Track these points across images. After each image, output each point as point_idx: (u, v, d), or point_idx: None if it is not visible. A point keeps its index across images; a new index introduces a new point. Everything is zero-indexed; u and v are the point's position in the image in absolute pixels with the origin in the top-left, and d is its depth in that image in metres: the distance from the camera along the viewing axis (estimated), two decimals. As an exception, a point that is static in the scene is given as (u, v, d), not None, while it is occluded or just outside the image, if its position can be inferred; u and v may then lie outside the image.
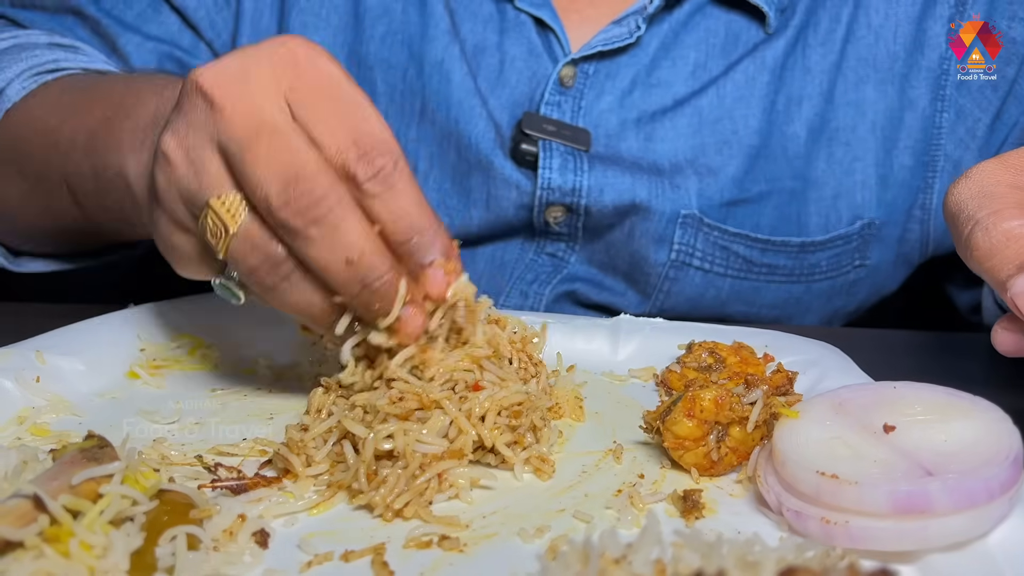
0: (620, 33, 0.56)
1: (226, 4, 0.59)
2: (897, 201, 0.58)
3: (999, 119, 0.59)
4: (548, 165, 0.54)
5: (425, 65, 0.56)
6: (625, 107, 0.57)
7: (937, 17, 0.59)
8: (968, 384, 0.39)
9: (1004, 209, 0.34)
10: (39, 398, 0.37)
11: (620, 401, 0.40)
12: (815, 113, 0.58)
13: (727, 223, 0.56)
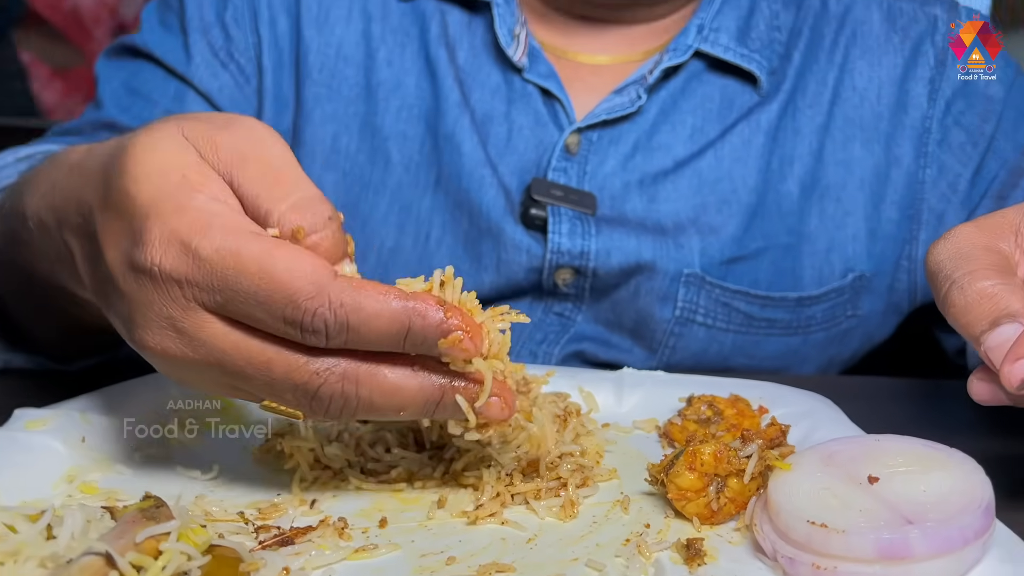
0: (622, 102, 0.60)
1: (247, 82, 0.63)
2: (886, 253, 0.62)
3: (979, 173, 0.63)
4: (558, 230, 0.58)
5: (439, 138, 0.60)
6: (628, 170, 0.60)
7: (918, 78, 0.63)
8: (950, 429, 0.42)
9: (978, 270, 0.36)
10: (85, 458, 0.39)
11: (626, 452, 0.43)
12: (807, 171, 0.62)
13: (727, 280, 0.59)
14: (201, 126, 0.33)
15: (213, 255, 0.30)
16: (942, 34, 0.63)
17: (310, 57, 0.61)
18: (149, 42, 0.64)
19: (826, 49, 0.63)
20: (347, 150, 0.61)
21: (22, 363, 0.54)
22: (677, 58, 0.59)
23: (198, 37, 0.62)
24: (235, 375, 0.32)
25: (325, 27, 0.61)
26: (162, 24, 0.64)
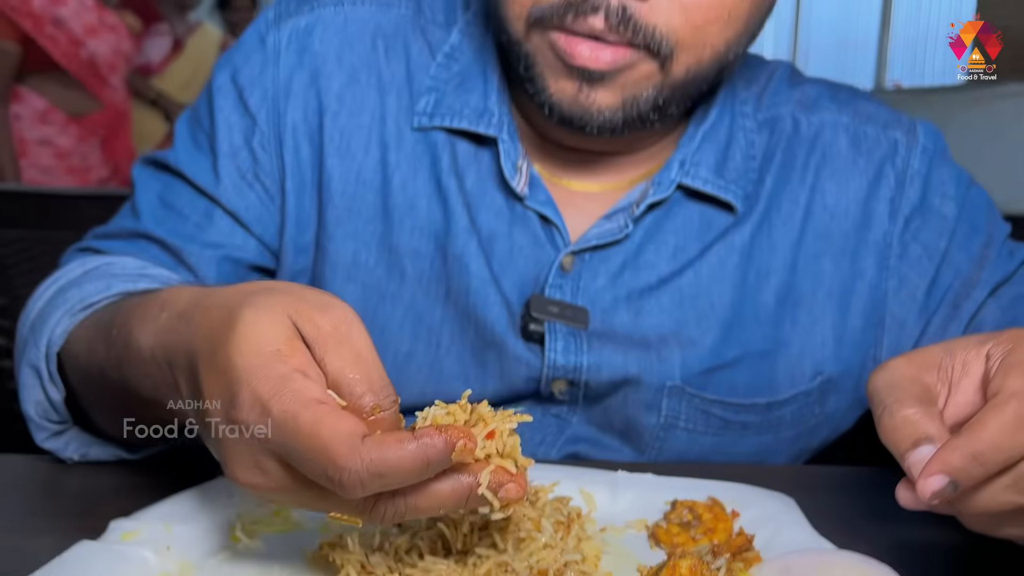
0: (611, 228, 0.65)
1: (271, 201, 0.68)
2: (852, 357, 0.68)
3: (935, 284, 0.69)
4: (554, 348, 0.64)
5: (448, 257, 0.66)
6: (616, 286, 0.66)
7: (880, 198, 0.69)
8: (898, 518, 0.49)
9: (905, 399, 0.43)
10: (171, 564, 0.47)
11: (620, 553, 0.51)
12: (782, 283, 0.68)
13: (706, 390, 0.66)
14: (304, 306, 0.41)
15: (279, 416, 0.38)
16: (902, 157, 0.69)
17: (333, 183, 0.67)
18: (181, 161, 0.68)
19: (798, 171, 0.69)
20: (366, 265, 0.67)
21: (98, 455, 0.61)
22: (661, 193, 0.65)
23: (227, 161, 0.67)
24: (305, 503, 0.40)
25: (347, 156, 0.67)
26: (194, 142, 0.69)
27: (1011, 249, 0.71)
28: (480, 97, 0.66)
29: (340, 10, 0.69)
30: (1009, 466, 0.40)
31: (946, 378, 0.45)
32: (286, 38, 0.68)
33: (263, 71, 0.68)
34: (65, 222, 1.51)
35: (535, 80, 0.60)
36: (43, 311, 0.60)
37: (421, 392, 0.67)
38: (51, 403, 0.58)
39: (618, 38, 0.57)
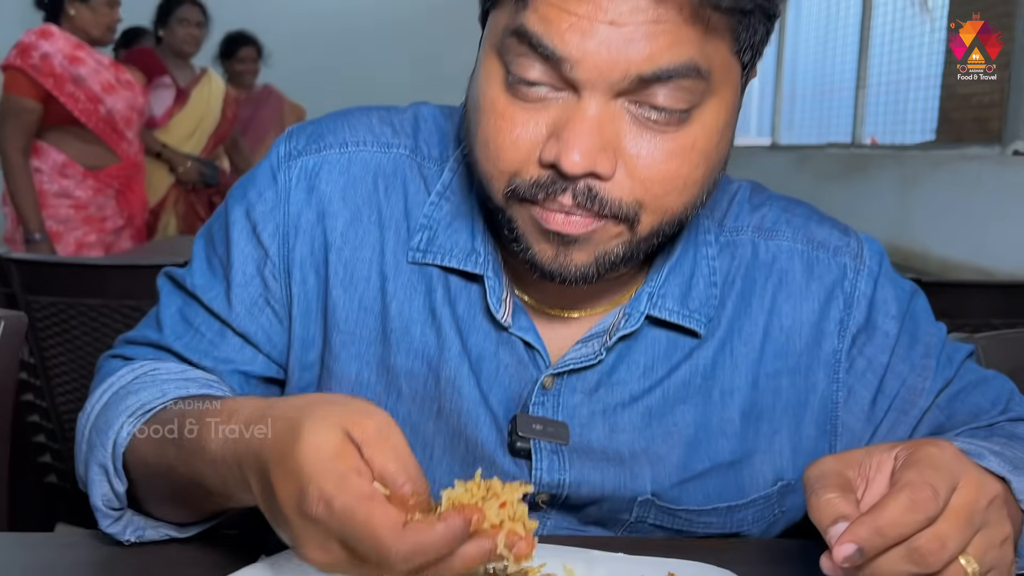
0: (587, 352, 0.71)
1: (280, 324, 0.73)
2: (808, 463, 0.69)
3: (880, 393, 0.74)
4: (540, 466, 0.70)
5: (441, 379, 0.71)
6: (593, 401, 0.71)
7: (830, 319, 0.74)
8: None
9: (829, 486, 0.54)
10: None
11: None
12: (745, 399, 0.73)
13: (676, 501, 0.73)
14: (354, 415, 0.51)
15: (340, 510, 0.49)
16: (850, 280, 0.75)
17: (337, 311, 0.72)
18: (197, 287, 0.73)
19: (757, 295, 0.74)
20: (367, 382, 0.73)
21: (152, 535, 0.67)
22: (631, 326, 0.71)
23: (240, 290, 0.72)
24: (364, 574, 0.51)
25: (350, 287, 0.72)
26: (209, 267, 0.74)
27: (950, 354, 0.77)
28: (468, 237, 0.72)
29: (344, 152, 0.74)
30: (903, 540, 0.51)
31: (864, 474, 0.56)
32: (295, 177, 0.73)
33: (275, 208, 0.73)
34: (93, 290, 1.63)
35: (519, 240, 0.65)
36: (104, 414, 0.66)
37: None
38: (115, 494, 0.65)
39: (586, 212, 0.61)
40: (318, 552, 0.51)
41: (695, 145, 0.61)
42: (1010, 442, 0.69)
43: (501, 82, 0.61)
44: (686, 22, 0.57)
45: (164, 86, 3.46)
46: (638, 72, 0.57)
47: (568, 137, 0.58)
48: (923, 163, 2.68)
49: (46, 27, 2.95)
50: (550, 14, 0.57)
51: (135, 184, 3.19)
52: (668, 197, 0.62)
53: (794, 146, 4.14)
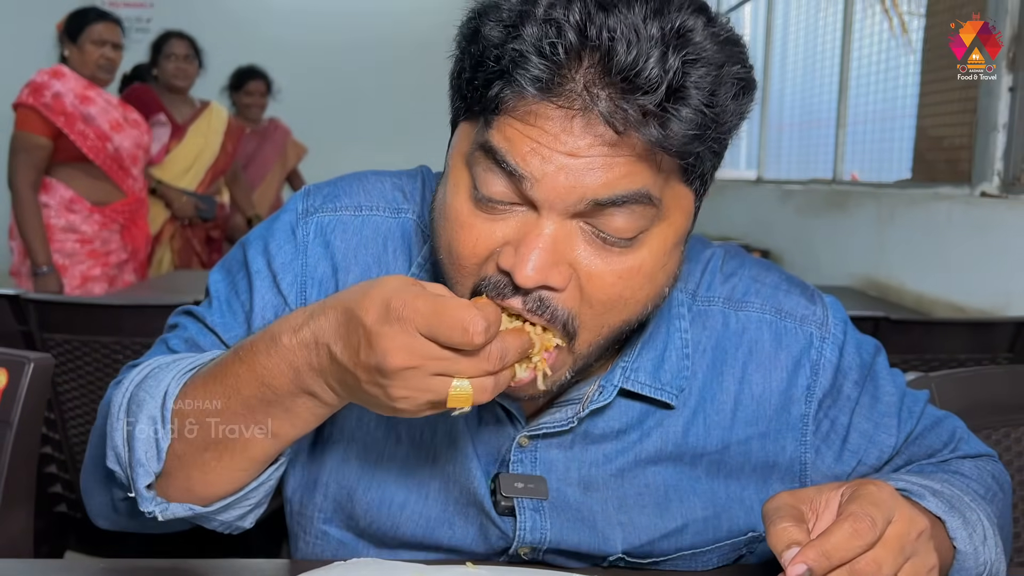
0: (560, 418, 0.74)
1: None
2: None
3: (845, 450, 0.79)
4: (523, 525, 0.75)
5: (437, 431, 0.76)
6: (569, 457, 0.75)
7: (798, 386, 0.78)
8: None
9: (784, 517, 0.61)
10: None
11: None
12: (714, 462, 0.77)
13: (646, 556, 0.77)
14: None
15: (424, 303, 0.56)
16: (816, 348, 0.78)
17: None
18: (217, 324, 0.78)
19: (728, 364, 0.77)
20: (368, 427, 0.78)
21: (178, 510, 0.69)
22: (605, 399, 0.74)
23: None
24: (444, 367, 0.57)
25: None
26: (230, 309, 0.78)
27: (910, 406, 0.82)
28: None
29: (359, 215, 0.79)
30: (845, 562, 0.59)
31: (815, 509, 0.63)
32: (312, 232, 0.78)
33: (294, 259, 0.77)
34: (107, 328, 1.72)
35: None
36: (144, 384, 0.68)
37: (412, 535, 0.78)
38: (157, 450, 0.66)
39: (537, 319, 0.64)
40: (403, 355, 0.57)
41: (642, 268, 0.64)
42: (952, 479, 0.78)
43: (467, 194, 0.65)
44: (639, 158, 0.61)
45: (160, 124, 3.52)
46: (594, 197, 0.61)
47: (524, 252, 0.62)
48: (899, 201, 2.78)
49: (58, 67, 3.05)
50: (514, 136, 0.61)
51: (139, 219, 3.27)
52: (607, 315, 0.65)
53: (778, 180, 4.25)
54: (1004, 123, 2.34)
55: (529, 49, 0.59)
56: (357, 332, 0.58)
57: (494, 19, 0.62)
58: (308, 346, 0.61)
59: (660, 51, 0.58)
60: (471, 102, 0.65)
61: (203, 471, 0.68)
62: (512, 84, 0.60)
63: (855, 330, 0.82)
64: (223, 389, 0.65)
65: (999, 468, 0.85)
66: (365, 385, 0.60)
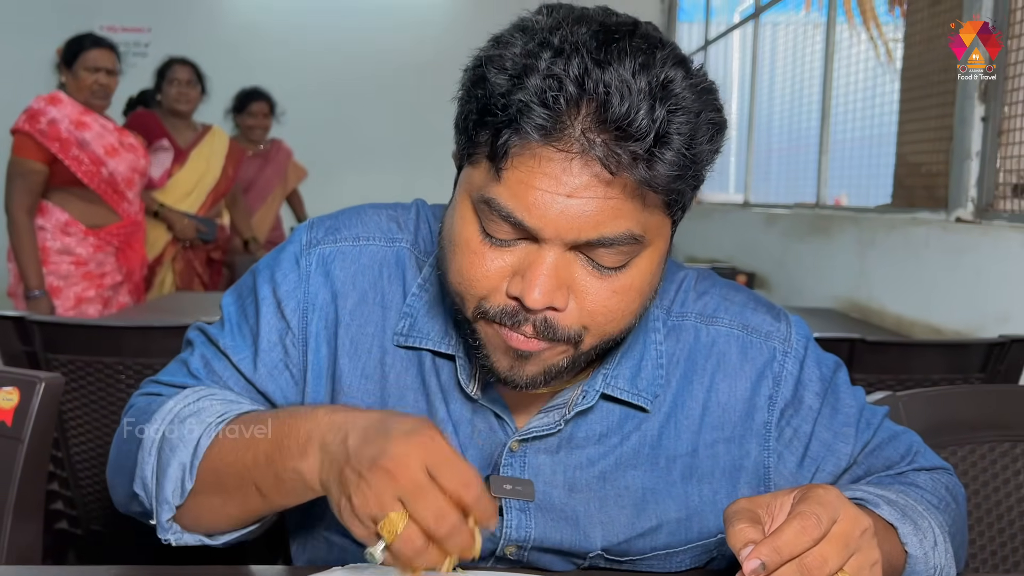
0: (548, 422, 0.80)
1: (295, 384, 0.84)
2: None
3: (806, 456, 0.85)
4: (510, 524, 0.80)
5: None
6: (555, 462, 0.81)
7: (761, 395, 0.84)
8: None
9: (743, 519, 0.67)
10: None
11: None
12: (686, 465, 0.83)
13: (623, 554, 0.83)
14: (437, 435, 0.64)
15: (445, 450, 0.62)
16: (778, 362, 0.85)
17: (343, 378, 0.82)
18: (228, 348, 0.84)
19: (698, 374, 0.83)
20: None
21: (190, 540, 0.77)
22: (587, 403, 0.80)
23: (264, 356, 0.83)
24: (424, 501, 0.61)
25: (355, 357, 0.83)
26: (239, 332, 0.85)
27: (868, 419, 0.87)
28: (443, 323, 0.82)
29: (357, 244, 0.85)
30: (795, 557, 0.64)
31: (770, 513, 0.69)
32: (315, 262, 0.84)
33: (297, 287, 0.83)
34: (109, 349, 1.76)
35: (479, 349, 0.75)
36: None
37: None
38: (181, 491, 0.75)
39: (542, 338, 0.71)
40: (397, 464, 0.62)
41: (632, 285, 0.72)
42: (907, 490, 0.84)
43: (476, 228, 0.72)
44: (629, 198, 0.67)
45: (163, 149, 3.60)
46: (587, 237, 0.68)
47: (531, 279, 0.69)
48: (880, 225, 2.85)
49: (55, 94, 3.11)
50: (519, 190, 0.68)
51: (135, 242, 3.31)
52: (608, 325, 0.73)
53: (765, 204, 4.33)
54: (977, 151, 2.42)
55: (533, 99, 0.65)
56: (380, 433, 0.64)
57: (498, 67, 0.68)
58: (333, 425, 0.67)
59: (649, 103, 0.65)
60: (477, 146, 0.71)
61: (212, 512, 0.76)
62: (519, 131, 0.66)
63: (817, 347, 0.88)
64: (244, 444, 0.72)
65: (953, 480, 0.91)
66: (345, 470, 0.64)
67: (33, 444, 1.13)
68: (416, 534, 0.61)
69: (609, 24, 0.68)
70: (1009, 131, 2.33)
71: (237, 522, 0.77)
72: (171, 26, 5.71)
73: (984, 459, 1.34)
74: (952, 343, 2.01)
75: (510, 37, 0.69)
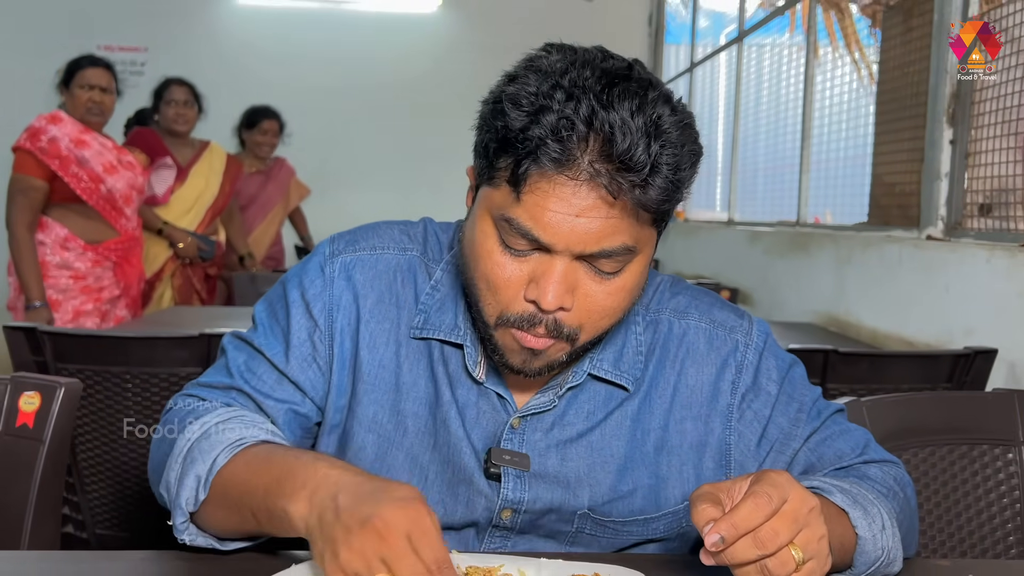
0: (544, 401, 0.92)
1: (322, 376, 0.94)
2: None
3: (764, 437, 0.95)
4: (507, 486, 0.91)
5: (437, 420, 0.92)
6: (549, 438, 0.92)
7: (725, 380, 0.96)
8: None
9: (703, 500, 0.75)
10: None
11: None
12: (658, 439, 0.94)
13: (607, 514, 0.93)
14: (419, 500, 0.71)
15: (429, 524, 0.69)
16: (740, 352, 0.97)
17: (363, 368, 0.93)
18: (262, 345, 0.94)
19: (670, 361, 0.95)
20: (381, 421, 0.93)
21: (202, 543, 0.84)
22: (576, 380, 0.93)
23: (295, 350, 0.93)
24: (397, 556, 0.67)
25: (373, 350, 0.94)
26: (272, 332, 0.95)
27: (820, 410, 0.97)
28: (452, 317, 0.93)
29: (374, 253, 0.97)
30: (750, 531, 0.72)
31: (731, 495, 0.77)
32: (337, 269, 0.95)
33: (323, 291, 0.94)
34: (116, 359, 1.84)
35: (497, 350, 0.88)
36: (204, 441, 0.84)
37: None
38: (195, 500, 0.83)
39: (550, 335, 0.84)
40: (386, 528, 0.68)
41: (625, 287, 0.85)
42: (860, 481, 0.93)
43: (496, 240, 0.84)
44: (626, 216, 0.80)
45: (166, 166, 3.68)
46: (591, 250, 0.81)
47: (544, 285, 0.82)
48: (856, 243, 2.95)
49: (56, 113, 3.19)
50: (535, 212, 0.80)
51: (132, 257, 3.38)
52: (602, 321, 0.86)
53: (748, 223, 4.44)
54: (946, 172, 2.53)
55: (549, 136, 0.77)
56: (372, 496, 0.71)
57: (514, 103, 0.80)
58: (328, 480, 0.75)
59: (645, 141, 0.77)
60: (497, 171, 0.83)
61: (218, 522, 0.85)
62: (537, 162, 0.78)
63: (776, 344, 1.00)
64: (252, 471, 0.81)
65: (901, 472, 1.00)
66: (335, 525, 0.71)
67: (53, 445, 1.21)
68: None
69: (609, 68, 0.80)
70: (975, 153, 2.44)
71: (241, 535, 0.85)
72: (168, 45, 5.79)
73: (943, 460, 1.43)
74: (920, 354, 2.11)
75: (524, 76, 0.81)
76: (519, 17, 5.81)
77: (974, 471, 1.44)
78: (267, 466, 0.81)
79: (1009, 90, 2.30)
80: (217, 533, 0.86)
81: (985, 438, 1.42)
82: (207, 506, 0.84)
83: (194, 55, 5.59)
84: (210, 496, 0.83)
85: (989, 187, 2.40)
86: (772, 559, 0.73)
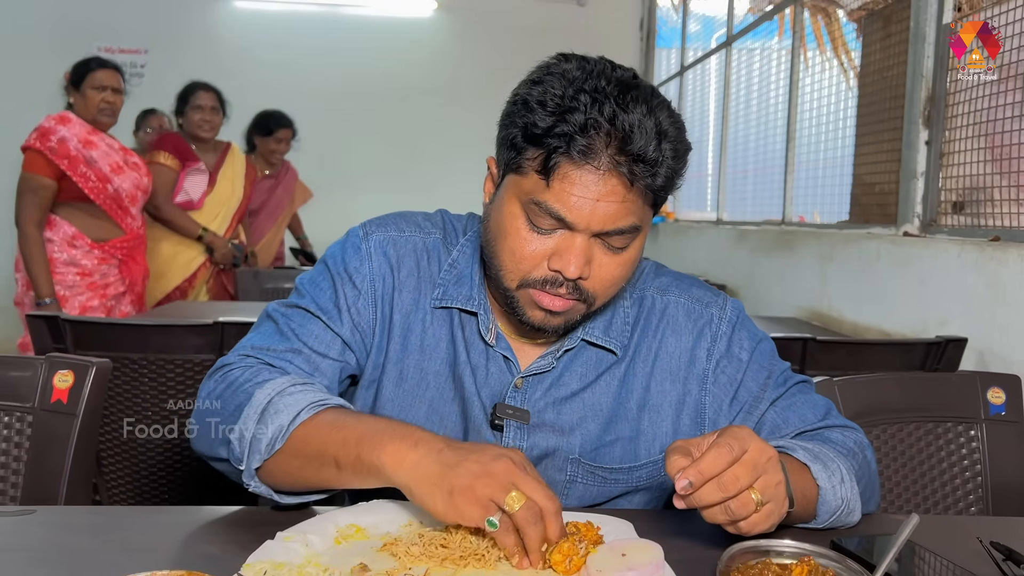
0: (544, 364, 1.05)
1: (363, 337, 1.07)
2: None
3: (735, 399, 1.06)
4: (509, 435, 1.03)
5: (455, 377, 1.05)
6: (548, 396, 1.05)
7: (701, 348, 1.08)
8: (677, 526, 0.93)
9: (675, 452, 0.86)
10: (311, 552, 0.90)
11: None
12: (640, 398, 1.06)
13: (594, 460, 1.05)
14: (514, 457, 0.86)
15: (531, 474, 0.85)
16: (715, 323, 1.09)
17: (395, 329, 1.07)
18: (320, 309, 1.06)
19: (652, 330, 1.08)
20: (409, 377, 1.07)
21: (263, 491, 0.95)
22: (571, 344, 1.06)
23: (345, 314, 1.06)
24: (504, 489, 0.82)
25: (404, 315, 1.07)
26: (320, 298, 1.07)
27: (786, 378, 1.09)
28: (468, 289, 1.08)
29: (402, 235, 1.11)
30: (714, 476, 0.82)
31: (700, 449, 0.86)
32: (373, 247, 1.09)
33: (363, 264, 1.08)
34: (134, 346, 1.93)
35: (516, 309, 1.01)
36: (283, 397, 0.94)
37: None
38: (271, 448, 0.92)
39: (569, 297, 0.98)
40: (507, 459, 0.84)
41: (630, 259, 1.00)
42: (822, 445, 1.05)
43: (524, 222, 0.98)
44: (638, 198, 0.95)
45: (199, 171, 3.72)
46: (607, 228, 0.95)
47: (568, 258, 0.96)
48: (838, 240, 3.06)
49: (65, 113, 3.28)
50: (562, 196, 0.94)
51: (137, 255, 3.47)
52: (611, 288, 1.01)
53: (736, 222, 4.55)
54: (922, 172, 2.64)
55: (577, 132, 0.91)
56: (480, 447, 0.86)
57: (540, 103, 0.93)
58: (426, 435, 0.88)
59: (656, 140, 0.93)
60: (525, 161, 0.95)
61: (287, 473, 0.95)
62: (566, 154, 0.92)
63: (749, 319, 1.13)
64: (339, 425, 0.92)
65: (860, 437, 1.11)
66: (460, 467, 0.84)
67: (85, 420, 1.31)
68: (533, 507, 0.82)
69: (620, 77, 0.95)
70: (949, 154, 2.56)
71: (306, 487, 0.95)
72: (167, 48, 5.87)
73: (911, 436, 1.54)
74: (895, 342, 2.22)
75: (547, 80, 0.95)
76: (513, 21, 5.92)
77: (939, 446, 1.55)
78: (356, 421, 0.92)
79: (980, 93, 2.41)
80: (277, 486, 0.95)
81: (950, 416, 1.53)
82: (281, 455, 0.93)
83: (193, 57, 5.67)
84: (286, 446, 0.93)
85: (962, 186, 2.51)
86: (734, 501, 0.83)
